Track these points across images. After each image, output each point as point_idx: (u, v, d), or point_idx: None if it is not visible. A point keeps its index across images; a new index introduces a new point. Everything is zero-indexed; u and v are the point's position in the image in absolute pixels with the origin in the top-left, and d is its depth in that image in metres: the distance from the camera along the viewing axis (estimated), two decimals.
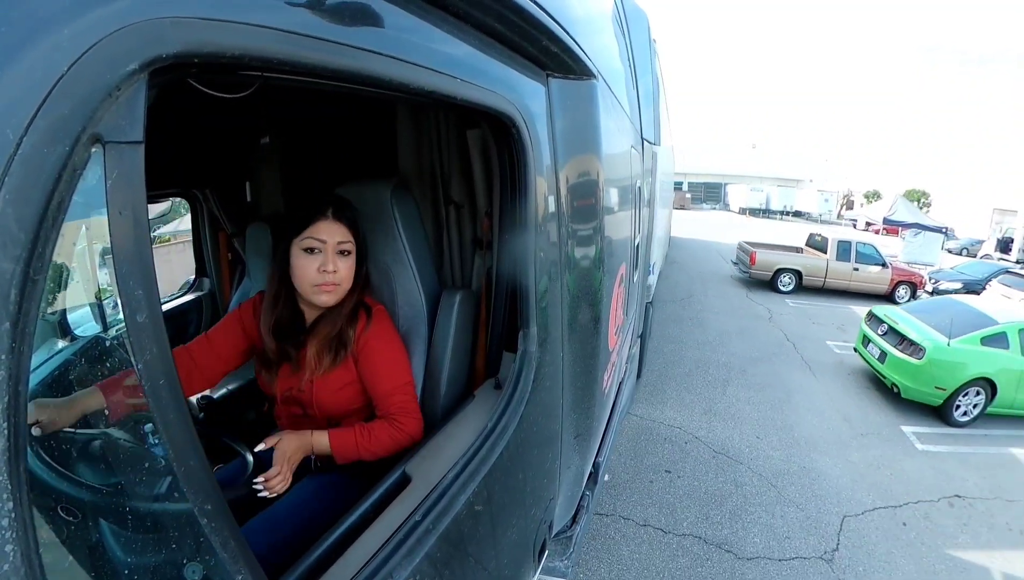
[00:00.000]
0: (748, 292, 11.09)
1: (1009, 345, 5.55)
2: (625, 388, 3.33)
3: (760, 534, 3.57)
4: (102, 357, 0.57)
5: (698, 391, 5.78)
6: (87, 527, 0.56)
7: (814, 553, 3.45)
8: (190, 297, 2.63)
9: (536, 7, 0.97)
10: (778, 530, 3.64)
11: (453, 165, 1.42)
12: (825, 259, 11.34)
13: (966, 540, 3.80)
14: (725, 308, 9.58)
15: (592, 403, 1.70)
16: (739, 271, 12.19)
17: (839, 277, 11.27)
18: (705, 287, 11.19)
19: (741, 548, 3.41)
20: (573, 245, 1.35)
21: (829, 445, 4.93)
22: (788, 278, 11.33)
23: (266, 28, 0.51)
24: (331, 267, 1.21)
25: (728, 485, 4.09)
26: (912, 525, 3.90)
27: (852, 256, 11.24)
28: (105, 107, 0.40)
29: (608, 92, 1.71)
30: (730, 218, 31.59)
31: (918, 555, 3.56)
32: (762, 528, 3.64)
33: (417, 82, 0.74)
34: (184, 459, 0.51)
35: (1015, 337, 5.58)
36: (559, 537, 1.95)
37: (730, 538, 3.49)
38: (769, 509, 3.85)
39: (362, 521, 0.92)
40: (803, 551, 3.45)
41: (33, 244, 0.36)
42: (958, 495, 4.39)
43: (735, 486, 4.09)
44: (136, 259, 0.45)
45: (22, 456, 0.38)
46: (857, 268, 11.23)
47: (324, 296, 1.24)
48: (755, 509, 3.82)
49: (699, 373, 6.28)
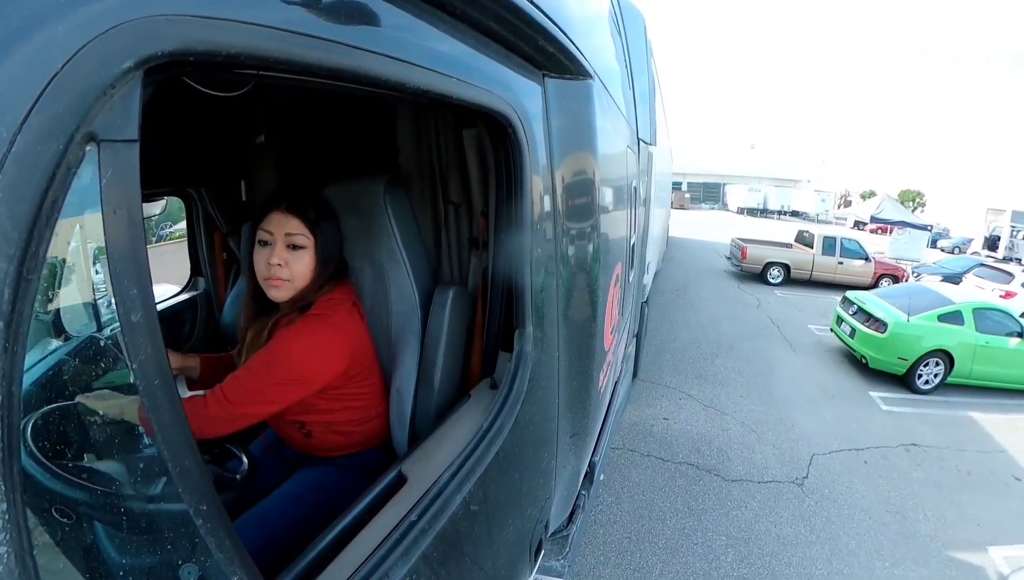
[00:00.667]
0: (739, 284, 11.85)
1: (964, 322, 6.42)
2: (621, 388, 3.33)
3: (742, 464, 4.39)
4: (96, 357, 0.56)
5: (691, 361, 6.63)
6: (82, 528, 0.56)
7: (788, 479, 4.28)
8: (185, 297, 2.61)
9: (532, 7, 0.97)
10: (757, 462, 4.45)
11: (451, 164, 1.42)
12: (811, 254, 12.06)
13: (918, 476, 4.58)
14: (717, 297, 10.43)
15: (588, 403, 1.70)
16: (732, 265, 12.92)
17: (825, 270, 12.01)
18: (700, 280, 11.91)
19: (727, 473, 4.23)
20: (569, 245, 1.35)
21: (804, 404, 5.76)
22: (777, 271, 12.13)
23: (262, 26, 0.51)
24: (275, 260, 1.16)
25: (715, 429, 4.95)
26: (872, 463, 4.70)
27: (837, 251, 12.02)
28: (100, 105, 0.40)
29: (604, 92, 1.71)
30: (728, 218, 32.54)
31: (875, 484, 4.36)
32: (744, 460, 4.46)
33: (413, 81, 0.74)
34: (179, 460, 0.50)
35: (969, 315, 6.46)
36: (555, 537, 1.95)
37: (717, 466, 4.31)
38: (750, 447, 4.70)
39: (358, 521, 0.92)
40: (778, 477, 4.28)
41: (27, 243, 0.36)
42: (915, 444, 5.19)
43: (721, 430, 4.95)
44: (131, 258, 0.44)
45: (16, 457, 0.37)
46: (842, 262, 11.96)
47: (273, 290, 1.19)
48: (738, 447, 4.66)
49: (692, 348, 7.12)
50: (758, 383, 6.20)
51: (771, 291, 11.52)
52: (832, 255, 12.02)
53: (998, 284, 10.77)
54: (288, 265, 1.18)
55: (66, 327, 0.89)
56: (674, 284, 10.98)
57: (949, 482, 4.56)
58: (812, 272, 12.05)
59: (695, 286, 11.19)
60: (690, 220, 26.61)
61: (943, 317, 6.46)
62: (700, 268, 13.46)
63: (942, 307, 6.57)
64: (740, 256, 12.26)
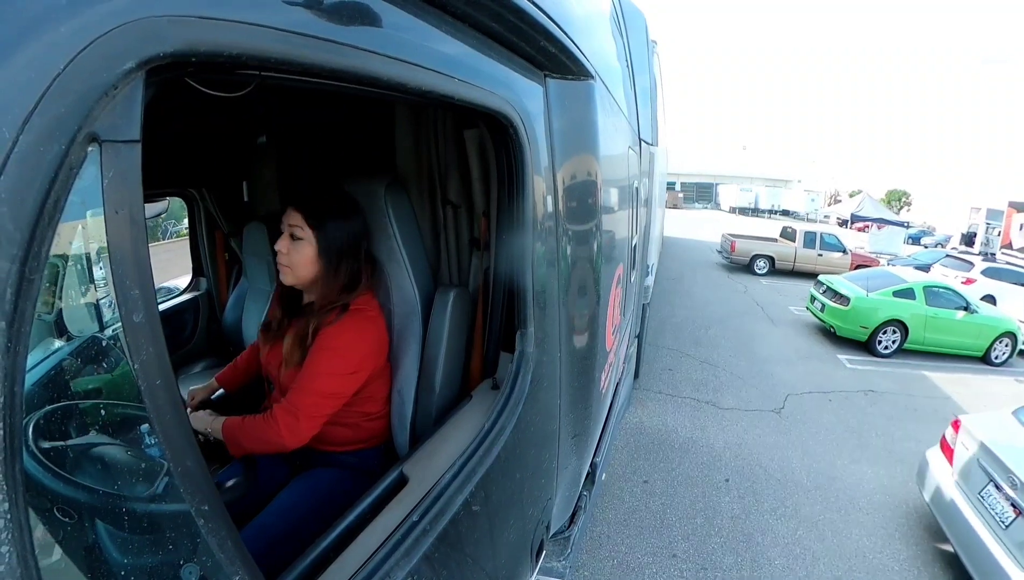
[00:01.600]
0: (729, 274, 13.21)
1: (916, 297, 7.81)
2: (622, 388, 3.33)
3: (732, 399, 5.77)
4: (98, 357, 0.56)
5: (688, 331, 8.10)
6: (83, 528, 0.56)
7: (768, 409, 5.63)
8: (187, 297, 2.62)
9: (534, 7, 0.97)
10: (744, 398, 5.84)
11: (451, 165, 1.42)
12: (794, 247, 13.53)
13: (873, 411, 5.84)
14: (709, 285, 11.86)
15: (590, 403, 1.70)
16: (722, 258, 14.27)
17: (806, 261, 13.36)
18: (694, 271, 13.25)
19: (721, 404, 5.62)
20: (570, 245, 1.35)
21: (781, 361, 7.15)
22: (763, 263, 13.54)
23: (264, 27, 0.51)
24: (279, 247, 1.28)
25: (710, 377, 6.35)
26: (835, 401, 6.01)
27: (817, 244, 13.48)
28: (102, 106, 0.40)
29: (606, 93, 1.71)
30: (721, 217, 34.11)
31: (837, 414, 5.67)
32: (733, 396, 5.85)
33: (415, 82, 0.74)
34: (181, 460, 0.50)
35: (920, 292, 7.87)
36: (557, 538, 1.95)
37: (713, 400, 5.71)
38: (737, 388, 6.10)
39: (359, 522, 0.92)
40: (760, 407, 5.64)
41: (29, 243, 0.36)
42: (872, 390, 6.46)
43: (714, 377, 6.34)
44: (132, 259, 0.45)
45: (18, 457, 0.37)
46: (821, 254, 13.38)
47: (280, 274, 1.31)
48: (728, 388, 6.05)
49: (688, 322, 8.58)
50: (744, 347, 7.56)
51: (757, 280, 12.86)
52: (813, 248, 13.40)
53: (960, 272, 12.19)
54: (288, 253, 1.27)
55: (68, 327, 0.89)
56: (671, 274, 12.13)
57: (898, 415, 5.77)
58: (795, 263, 13.40)
59: (689, 276, 12.44)
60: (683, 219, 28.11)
61: (897, 293, 7.81)
62: (694, 261, 14.76)
63: (896, 285, 7.95)
64: (729, 249, 13.59)
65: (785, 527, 3.68)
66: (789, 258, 13.46)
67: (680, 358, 6.82)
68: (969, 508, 3.13)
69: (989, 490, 3.06)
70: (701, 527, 3.58)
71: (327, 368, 1.25)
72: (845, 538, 3.65)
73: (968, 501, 3.18)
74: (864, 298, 7.71)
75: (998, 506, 2.95)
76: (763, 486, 4.14)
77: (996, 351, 7.98)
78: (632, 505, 3.74)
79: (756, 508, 3.85)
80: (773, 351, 7.50)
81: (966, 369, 7.64)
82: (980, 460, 3.19)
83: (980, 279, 11.68)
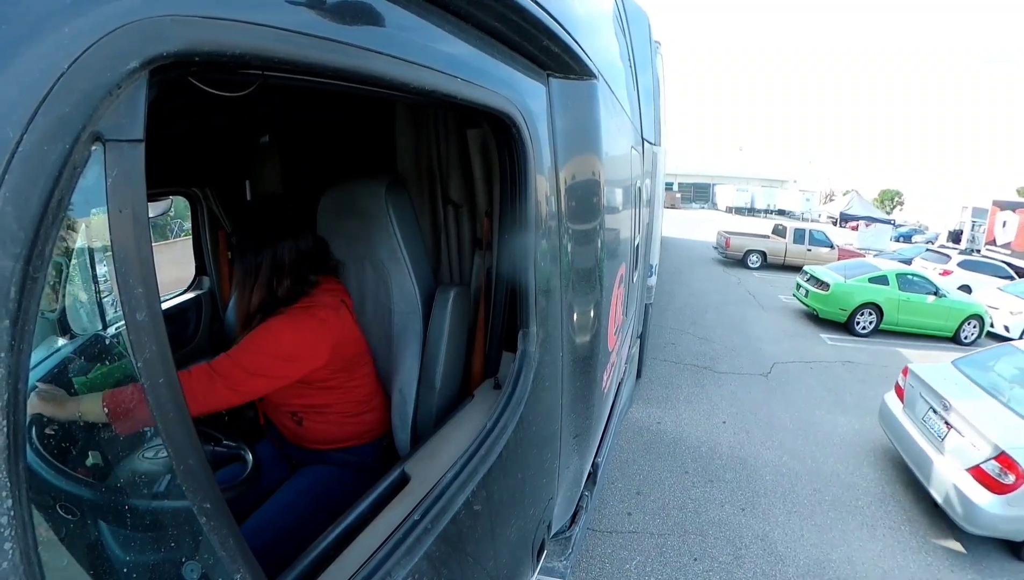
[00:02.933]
0: (724, 268, 14.36)
1: (889, 283, 8.88)
2: (624, 388, 3.33)
3: (727, 365, 6.93)
4: (101, 355, 0.57)
5: (687, 315, 9.20)
6: (86, 525, 0.56)
7: (757, 372, 6.76)
8: (190, 296, 2.62)
9: (537, 7, 0.97)
10: (736, 364, 6.97)
11: (452, 165, 1.42)
12: (785, 242, 14.70)
13: (849, 378, 6.87)
14: (706, 277, 13.01)
15: (591, 403, 1.70)
16: (718, 253, 15.55)
17: (796, 256, 14.37)
18: (691, 266, 14.43)
19: (718, 369, 6.77)
20: (573, 245, 1.35)
21: (770, 339, 8.31)
22: (755, 257, 14.70)
23: (267, 27, 0.51)
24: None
25: (707, 349, 7.52)
26: (816, 369, 7.09)
27: (806, 240, 14.70)
28: (105, 105, 0.40)
29: (608, 92, 1.71)
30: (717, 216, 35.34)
31: (817, 378, 6.75)
32: (728, 364, 6.98)
33: (418, 81, 0.74)
34: (183, 458, 0.51)
35: (893, 279, 8.94)
36: (558, 537, 1.95)
37: (711, 365, 6.84)
38: (731, 357, 7.22)
39: (361, 520, 0.92)
40: (751, 371, 6.78)
41: (33, 242, 0.36)
42: (850, 361, 7.53)
43: (710, 349, 7.49)
44: (136, 257, 0.45)
45: (21, 454, 0.38)
46: (810, 249, 14.50)
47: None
48: (723, 358, 7.17)
49: (687, 308, 9.73)
50: (737, 328, 8.71)
51: (750, 273, 14.07)
52: (802, 244, 14.59)
53: (938, 264, 13.39)
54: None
55: (71, 325, 0.89)
56: (670, 269, 13.11)
57: (871, 381, 6.69)
58: (785, 258, 14.51)
59: (687, 270, 13.59)
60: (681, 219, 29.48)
61: (873, 279, 8.92)
62: (692, 257, 15.97)
63: (872, 273, 9.10)
64: (725, 245, 14.88)
65: (772, 454, 4.72)
66: (780, 253, 14.60)
67: (681, 335, 8.05)
68: (915, 428, 4.21)
69: (929, 414, 4.10)
70: (705, 454, 4.64)
71: (256, 345, 1.23)
72: (822, 463, 4.64)
73: (914, 424, 4.25)
74: (842, 284, 8.79)
75: (935, 425, 3.98)
76: (752, 425, 5.25)
77: (965, 332, 8.95)
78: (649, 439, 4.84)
79: (748, 441, 4.94)
80: (763, 331, 8.65)
81: (937, 347, 8.50)
82: (922, 394, 4.23)
83: (956, 270, 12.91)
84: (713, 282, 12.48)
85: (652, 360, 6.44)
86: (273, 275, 1.31)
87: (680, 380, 6.22)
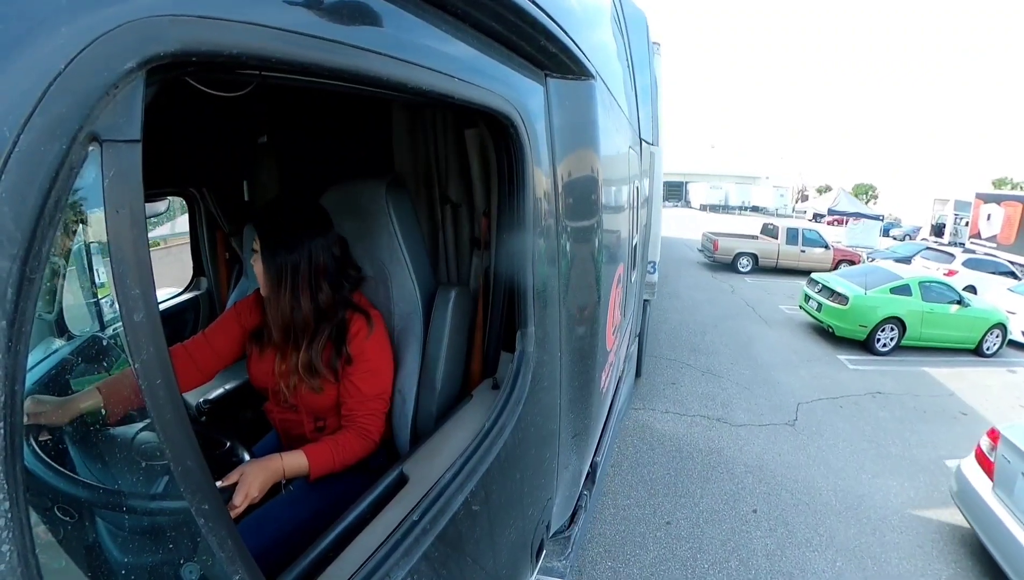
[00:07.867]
0: (713, 274, 13.01)
1: (912, 293, 7.77)
2: (623, 387, 3.33)
3: (743, 412, 5.50)
4: (99, 356, 0.57)
5: (683, 338, 7.85)
6: (84, 527, 0.56)
7: (781, 422, 5.37)
8: (187, 296, 2.62)
9: (534, 7, 0.97)
10: (754, 410, 5.58)
11: (450, 165, 1.42)
12: (777, 244, 13.49)
13: (884, 415, 5.76)
14: (695, 285, 11.66)
15: (590, 403, 1.70)
16: (704, 257, 14.13)
17: (789, 258, 13.39)
18: (678, 271, 13.00)
19: (734, 420, 5.30)
20: (571, 245, 1.35)
21: (784, 366, 7.01)
22: (746, 261, 13.40)
23: (264, 27, 0.51)
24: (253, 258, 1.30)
25: (715, 389, 6.03)
26: (846, 408, 5.85)
27: (799, 240, 13.46)
28: (102, 105, 0.40)
29: (606, 92, 1.71)
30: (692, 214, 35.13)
31: (851, 421, 5.52)
32: (744, 410, 5.55)
33: (415, 81, 0.74)
34: (181, 459, 0.50)
35: (916, 287, 7.84)
36: (557, 537, 1.95)
37: (724, 416, 5.37)
38: (746, 399, 5.82)
39: (359, 521, 0.92)
40: (774, 421, 5.37)
41: (30, 242, 0.36)
42: (879, 392, 6.37)
43: (720, 389, 6.03)
44: (133, 258, 0.45)
45: (19, 455, 0.37)
46: (804, 250, 13.36)
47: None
48: (737, 402, 5.74)
49: (682, 328, 8.36)
50: (743, 353, 7.41)
51: (742, 278, 12.75)
52: (795, 244, 13.40)
53: (942, 264, 12.52)
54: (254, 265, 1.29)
55: (69, 326, 0.89)
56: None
57: (908, 417, 5.74)
58: (778, 260, 13.40)
59: (674, 276, 12.08)
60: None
61: (894, 290, 7.80)
62: (676, 259, 14.51)
63: (893, 282, 7.92)
64: (712, 248, 13.45)
65: (823, 560, 3.42)
66: (772, 255, 13.44)
67: (681, 369, 6.54)
68: (1013, 520, 3.08)
69: None
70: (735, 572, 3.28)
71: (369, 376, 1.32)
72: (885, 564, 3.46)
73: (1011, 513, 3.12)
74: (863, 296, 7.66)
75: None
76: (791, 512, 3.90)
77: (988, 342, 8.12)
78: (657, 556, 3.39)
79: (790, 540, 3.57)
80: (773, 355, 7.41)
81: (961, 362, 7.76)
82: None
83: (961, 270, 12.06)
84: (704, 291, 11.16)
85: (652, 412, 5.26)
86: (312, 277, 1.27)
87: (690, 445, 4.72)
